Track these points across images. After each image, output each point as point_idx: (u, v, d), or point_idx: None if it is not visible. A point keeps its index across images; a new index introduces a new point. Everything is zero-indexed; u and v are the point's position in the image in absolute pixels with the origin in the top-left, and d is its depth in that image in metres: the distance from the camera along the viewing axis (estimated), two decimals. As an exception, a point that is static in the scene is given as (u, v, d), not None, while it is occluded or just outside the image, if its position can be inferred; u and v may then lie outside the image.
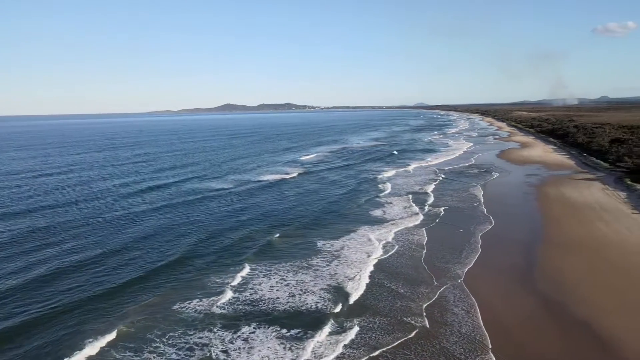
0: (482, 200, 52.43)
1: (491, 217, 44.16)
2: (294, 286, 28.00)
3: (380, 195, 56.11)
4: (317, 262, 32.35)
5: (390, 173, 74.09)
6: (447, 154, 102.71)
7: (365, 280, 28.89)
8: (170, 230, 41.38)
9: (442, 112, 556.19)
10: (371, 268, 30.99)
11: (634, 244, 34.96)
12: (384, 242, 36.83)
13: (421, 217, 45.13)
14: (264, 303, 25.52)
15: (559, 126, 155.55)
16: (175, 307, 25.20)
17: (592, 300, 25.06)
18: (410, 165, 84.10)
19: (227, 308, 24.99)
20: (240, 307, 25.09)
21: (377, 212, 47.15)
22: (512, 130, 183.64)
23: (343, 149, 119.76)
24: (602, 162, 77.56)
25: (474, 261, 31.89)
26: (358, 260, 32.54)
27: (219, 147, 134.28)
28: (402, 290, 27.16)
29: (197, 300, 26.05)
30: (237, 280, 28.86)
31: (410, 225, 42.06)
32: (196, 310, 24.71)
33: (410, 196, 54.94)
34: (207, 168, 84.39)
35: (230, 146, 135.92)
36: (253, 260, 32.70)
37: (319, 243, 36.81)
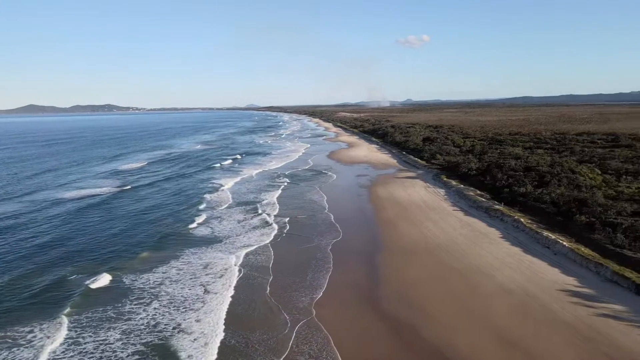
0: (327, 206, 51.46)
1: (338, 226, 42.89)
2: (91, 352, 21.11)
3: (218, 208, 50.89)
4: (131, 309, 25.75)
5: (228, 181, 69.02)
6: (287, 157, 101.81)
7: (198, 332, 23.19)
8: None
9: (274, 113, 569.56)
10: (208, 312, 25.60)
11: (460, 242, 36.96)
12: (224, 269, 32.06)
13: (266, 231, 41.54)
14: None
15: (379, 126, 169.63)
16: None
17: (439, 318, 24.43)
18: (249, 171, 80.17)
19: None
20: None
21: (215, 230, 41.93)
22: (339, 130, 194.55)
23: (174, 155, 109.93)
24: (419, 160, 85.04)
25: (326, 284, 29.19)
26: (190, 298, 27.18)
27: (17, 158, 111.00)
28: (251, 342, 22.31)
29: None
30: None
31: (254, 244, 37.77)
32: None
33: (253, 207, 51.07)
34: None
35: (33, 157, 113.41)
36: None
37: (141, 280, 30.17)
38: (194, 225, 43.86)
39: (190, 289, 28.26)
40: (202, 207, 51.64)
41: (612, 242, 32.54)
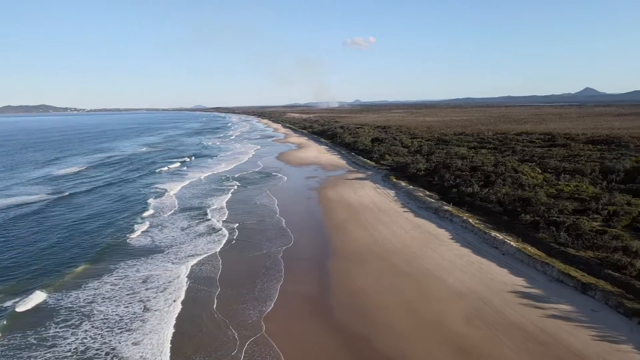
0: (278, 210, 49.99)
1: (289, 231, 41.60)
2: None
3: (162, 215, 48.09)
4: (57, 333, 23.11)
5: (174, 185, 65.79)
6: (236, 159, 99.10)
7: (136, 356, 21.09)
8: None
9: (222, 114, 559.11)
10: (148, 332, 23.51)
11: (411, 245, 36.71)
12: (166, 282, 29.92)
13: (214, 239, 39.49)
14: None
15: (328, 127, 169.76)
16: None
17: (392, 327, 23.73)
18: (197, 174, 77.04)
19: None
20: None
21: (158, 239, 39.34)
22: (288, 131, 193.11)
23: (116, 159, 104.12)
24: (368, 161, 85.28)
25: (276, 295, 27.76)
26: (127, 317, 24.94)
27: None
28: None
29: None
30: None
31: (201, 253, 35.68)
32: None
33: (200, 213, 48.66)
34: None
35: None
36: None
37: (71, 298, 27.40)
38: (135, 234, 41.08)
39: (127, 307, 25.99)
40: (145, 214, 48.68)
41: (556, 241, 33.35)
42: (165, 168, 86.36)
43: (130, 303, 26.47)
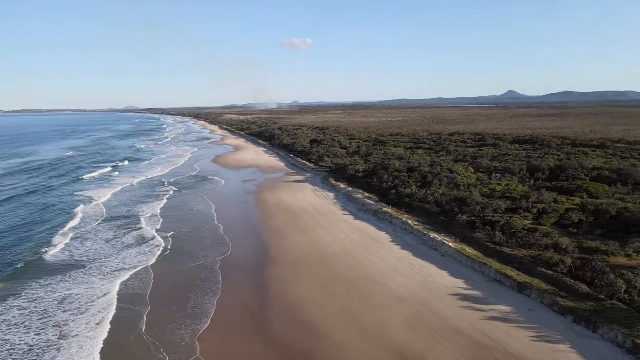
0: (215, 216, 47.73)
1: (227, 239, 39.71)
2: None
3: (87, 226, 44.14)
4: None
5: (103, 192, 60.91)
6: (171, 162, 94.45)
7: None
8: None
9: (156, 115, 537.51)
10: None
11: (351, 249, 36.09)
12: (88, 302, 27.07)
13: (145, 250, 36.64)
14: None
15: (266, 128, 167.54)
16: None
17: (334, 338, 22.78)
18: (129, 179, 72.24)
19: None
20: None
21: (80, 253, 35.80)
22: (225, 133, 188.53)
23: (38, 164, 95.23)
24: (307, 163, 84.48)
25: (213, 310, 25.91)
26: (38, 346, 22.06)
27: None
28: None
29: None
30: None
31: (129, 267, 32.83)
32: None
33: (131, 222, 45.17)
34: None
35: None
36: None
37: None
38: (54, 249, 37.31)
39: (38, 334, 23.10)
40: (68, 225, 44.59)
41: (492, 240, 34.07)
42: (94, 173, 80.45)
43: (43, 329, 23.58)
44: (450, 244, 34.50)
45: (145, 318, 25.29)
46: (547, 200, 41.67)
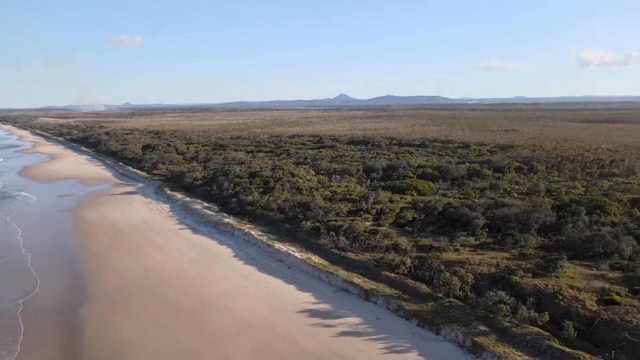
0: (22, 242, 38.76)
1: (34, 271, 32.08)
2: None
3: None
4: None
5: None
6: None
7: None
8: None
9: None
10: None
11: (189, 270, 31.92)
12: None
13: None
14: None
15: (91, 133, 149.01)
16: None
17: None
18: None
19: None
20: None
21: None
22: (38, 139, 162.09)
23: None
24: (139, 171, 76.01)
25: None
26: None
27: None
28: None
29: None
30: None
31: None
32: None
33: None
34: None
35: None
36: None
37: None
38: None
39: None
40: None
41: (337, 246, 33.37)
42: None
43: None
44: (296, 254, 32.80)
45: None
46: (384, 200, 43.16)
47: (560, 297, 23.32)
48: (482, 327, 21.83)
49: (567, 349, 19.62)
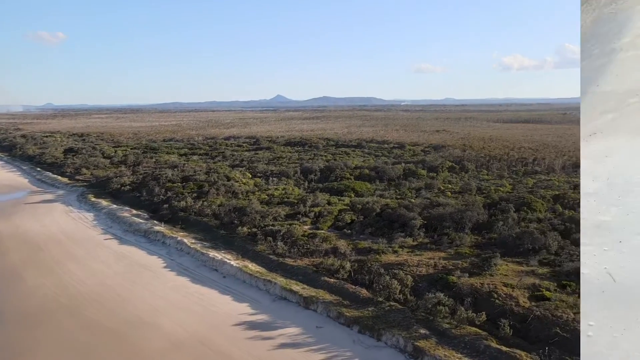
0: None
1: None
2: None
3: None
4: None
5: None
6: None
7: None
8: None
9: None
10: None
11: (115, 285, 29.41)
12: None
13: None
14: None
15: (5, 136, 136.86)
16: None
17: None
18: None
19: None
20: None
21: None
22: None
23: None
24: (60, 177, 70.29)
25: None
26: None
27: None
28: None
29: None
30: None
31: None
32: None
33: None
34: None
35: None
36: None
37: None
38: None
39: None
40: None
41: (274, 252, 32.22)
42: None
43: None
44: (231, 262, 31.26)
45: None
46: (322, 202, 42.57)
47: (496, 295, 23.72)
48: (422, 331, 21.64)
49: (504, 348, 19.85)
